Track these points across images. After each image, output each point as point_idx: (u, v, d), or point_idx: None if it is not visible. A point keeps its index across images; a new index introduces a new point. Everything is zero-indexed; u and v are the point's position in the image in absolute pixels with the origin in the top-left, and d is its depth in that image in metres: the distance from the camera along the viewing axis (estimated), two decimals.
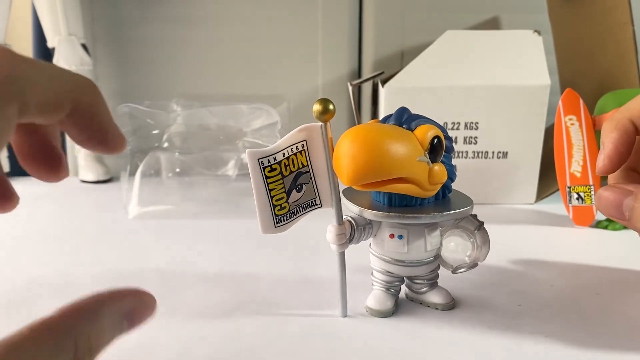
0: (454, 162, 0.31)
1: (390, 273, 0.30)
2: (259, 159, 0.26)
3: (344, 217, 0.28)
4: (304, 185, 0.28)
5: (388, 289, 0.31)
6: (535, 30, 0.55)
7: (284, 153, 0.27)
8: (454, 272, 0.31)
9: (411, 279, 0.31)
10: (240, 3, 0.72)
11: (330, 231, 0.28)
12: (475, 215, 0.30)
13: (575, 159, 0.48)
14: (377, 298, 0.30)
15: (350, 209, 0.29)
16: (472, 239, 0.30)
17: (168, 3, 0.71)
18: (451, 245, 0.31)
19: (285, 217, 0.28)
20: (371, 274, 0.31)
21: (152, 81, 0.74)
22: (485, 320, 0.29)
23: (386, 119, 0.28)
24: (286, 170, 0.27)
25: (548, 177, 0.55)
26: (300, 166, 0.27)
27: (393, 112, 0.28)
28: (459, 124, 0.54)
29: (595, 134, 0.48)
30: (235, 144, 0.56)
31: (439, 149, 0.27)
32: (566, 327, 0.29)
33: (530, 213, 0.53)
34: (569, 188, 0.48)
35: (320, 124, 0.26)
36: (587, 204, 0.48)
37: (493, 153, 0.55)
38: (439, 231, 0.30)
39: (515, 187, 0.56)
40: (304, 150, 0.27)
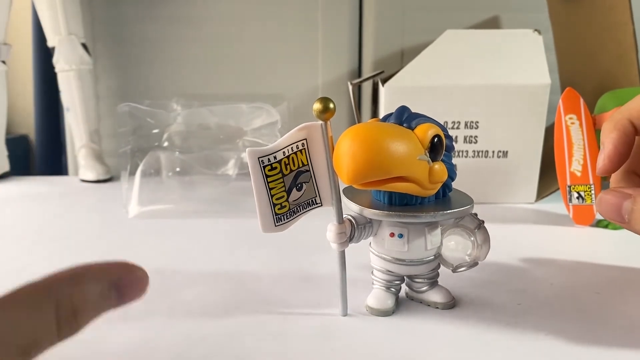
0: (454, 161, 0.31)
1: (391, 272, 0.30)
2: (259, 158, 0.26)
3: (344, 216, 0.28)
4: (304, 184, 0.28)
5: (388, 288, 0.31)
6: (536, 30, 0.55)
7: (284, 152, 0.27)
8: (454, 271, 0.31)
9: (411, 277, 0.31)
10: (241, 3, 0.72)
11: (331, 230, 0.28)
12: (475, 214, 0.30)
13: (576, 158, 0.48)
14: (378, 297, 0.30)
15: (350, 208, 0.29)
16: (473, 238, 0.30)
17: (168, 3, 0.71)
18: (451, 244, 0.31)
19: (285, 216, 0.28)
20: (371, 272, 0.31)
21: (152, 80, 0.74)
22: (486, 319, 0.29)
23: (386, 118, 0.28)
24: (286, 169, 0.27)
25: (548, 176, 0.55)
26: (301, 165, 0.27)
27: (393, 111, 0.28)
28: (459, 123, 0.54)
29: (596, 133, 0.48)
30: (236, 143, 0.56)
31: (439, 147, 0.27)
32: (566, 326, 0.29)
33: (530, 212, 0.53)
34: (569, 187, 0.48)
35: (320, 122, 0.26)
36: (588, 203, 0.48)
37: (493, 152, 0.55)
38: (439, 230, 0.30)
39: (515, 186, 0.56)
40: (304, 149, 0.27)
